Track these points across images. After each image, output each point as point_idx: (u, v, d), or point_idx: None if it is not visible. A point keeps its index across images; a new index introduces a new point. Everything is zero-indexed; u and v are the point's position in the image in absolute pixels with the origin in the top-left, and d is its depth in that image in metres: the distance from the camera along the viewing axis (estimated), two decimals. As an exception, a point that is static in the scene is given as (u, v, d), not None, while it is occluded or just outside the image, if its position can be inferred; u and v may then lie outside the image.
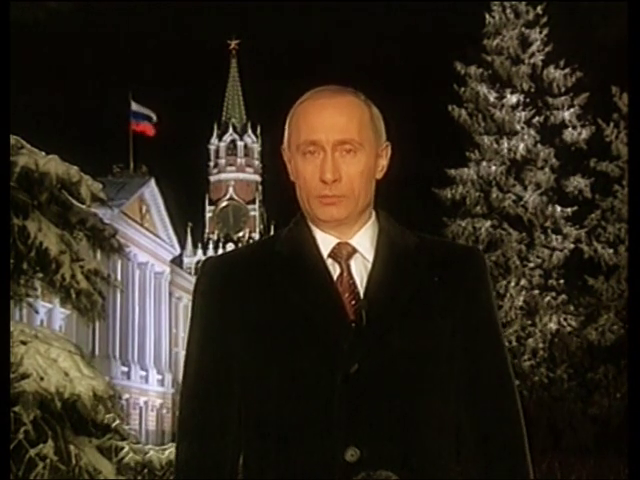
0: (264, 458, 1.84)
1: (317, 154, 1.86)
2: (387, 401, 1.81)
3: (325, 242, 1.90)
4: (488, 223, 24.77)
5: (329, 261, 1.89)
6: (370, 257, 1.89)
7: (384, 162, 1.94)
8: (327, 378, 1.80)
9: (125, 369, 48.13)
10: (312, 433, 1.80)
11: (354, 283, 1.86)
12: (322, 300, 1.84)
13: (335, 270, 1.88)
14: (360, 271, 1.88)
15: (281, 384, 1.83)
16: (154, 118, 55.90)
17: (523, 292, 24.00)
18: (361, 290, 1.85)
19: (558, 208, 24.89)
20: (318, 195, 1.86)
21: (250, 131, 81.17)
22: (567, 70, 25.71)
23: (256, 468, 1.86)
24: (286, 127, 1.93)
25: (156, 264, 53.04)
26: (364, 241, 1.90)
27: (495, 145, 25.32)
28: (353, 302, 1.84)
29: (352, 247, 1.90)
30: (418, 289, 1.86)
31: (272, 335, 1.84)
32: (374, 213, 1.94)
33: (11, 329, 6.88)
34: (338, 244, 1.90)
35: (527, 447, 1.89)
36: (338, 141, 1.85)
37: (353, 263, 1.89)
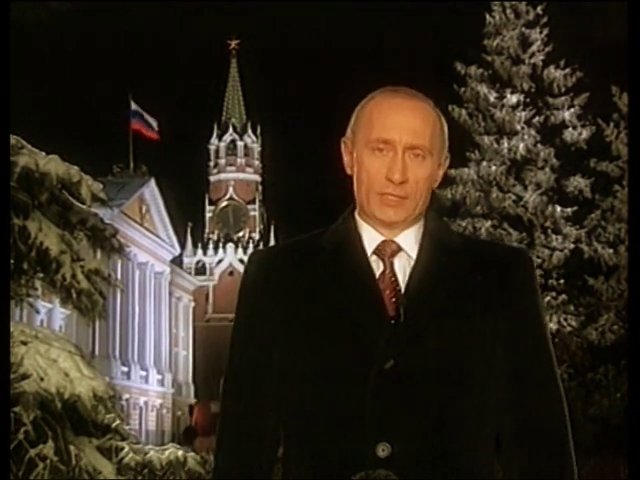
0: (299, 453, 1.86)
1: (386, 152, 1.86)
2: (421, 398, 1.80)
3: (370, 239, 1.91)
4: (488, 223, 24.79)
5: (373, 258, 1.89)
6: (414, 255, 1.89)
7: (442, 172, 1.96)
8: (362, 373, 1.80)
9: (125, 369, 48.15)
10: (345, 428, 1.80)
11: (396, 280, 1.87)
12: (362, 296, 1.85)
13: (378, 267, 1.88)
14: (403, 268, 1.89)
15: (317, 379, 1.84)
16: (154, 125, 55.95)
17: (523, 292, 23.98)
18: (403, 287, 1.86)
19: (558, 208, 24.90)
20: (380, 192, 1.86)
21: (250, 131, 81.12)
22: (567, 70, 25.72)
23: (291, 463, 1.88)
24: (353, 120, 1.93)
25: (156, 264, 53.06)
26: (409, 239, 1.91)
27: (495, 145, 25.33)
28: (394, 299, 1.85)
29: (397, 245, 1.90)
30: (459, 288, 1.86)
31: (312, 331, 1.85)
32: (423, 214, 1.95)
33: (11, 329, 6.88)
34: (383, 242, 1.90)
35: (573, 451, 1.87)
36: (411, 144, 1.86)
37: (397, 261, 1.89)
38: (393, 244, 1.90)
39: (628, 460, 3.35)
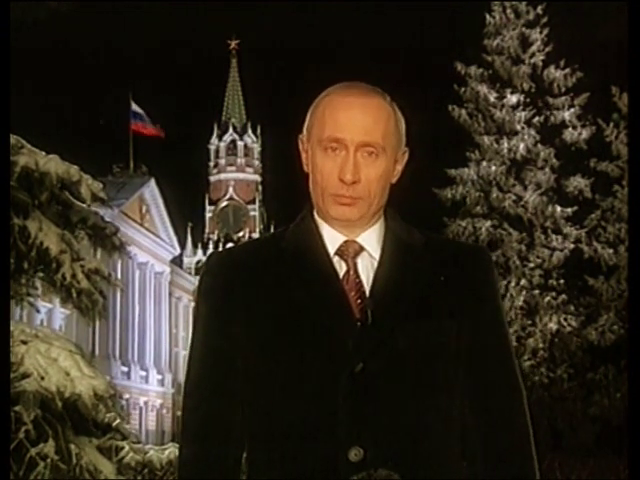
0: (268, 457, 1.83)
1: (338, 151, 1.84)
2: (392, 400, 1.79)
3: (332, 239, 1.88)
4: (488, 223, 24.77)
5: (335, 259, 1.87)
6: (377, 255, 1.87)
7: (400, 167, 1.92)
8: (332, 377, 1.78)
9: (125, 369, 48.12)
10: (316, 432, 1.78)
11: (360, 281, 1.85)
12: (327, 298, 1.82)
13: (341, 268, 1.86)
14: (366, 269, 1.86)
15: (286, 383, 1.81)
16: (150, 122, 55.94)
17: (523, 292, 23.99)
18: (367, 288, 1.84)
19: (558, 208, 24.89)
20: (334, 193, 1.84)
21: (250, 131, 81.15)
22: (567, 70, 25.71)
23: (259, 467, 1.85)
24: (308, 117, 1.91)
25: (156, 264, 53.03)
26: (371, 239, 1.89)
27: (495, 145, 25.32)
28: (359, 301, 1.82)
29: (359, 245, 1.88)
30: (424, 288, 1.85)
31: (277, 333, 1.82)
32: (382, 212, 1.93)
33: (11, 329, 6.89)
34: (345, 242, 1.88)
35: (533, 446, 1.88)
36: (362, 143, 1.83)
37: (359, 261, 1.87)
38: (355, 244, 1.87)
39: (628, 460, 3.35)
